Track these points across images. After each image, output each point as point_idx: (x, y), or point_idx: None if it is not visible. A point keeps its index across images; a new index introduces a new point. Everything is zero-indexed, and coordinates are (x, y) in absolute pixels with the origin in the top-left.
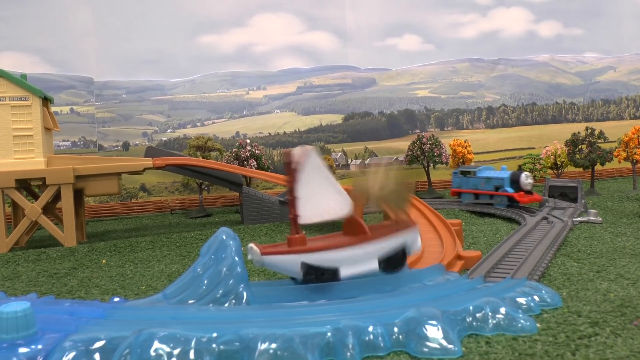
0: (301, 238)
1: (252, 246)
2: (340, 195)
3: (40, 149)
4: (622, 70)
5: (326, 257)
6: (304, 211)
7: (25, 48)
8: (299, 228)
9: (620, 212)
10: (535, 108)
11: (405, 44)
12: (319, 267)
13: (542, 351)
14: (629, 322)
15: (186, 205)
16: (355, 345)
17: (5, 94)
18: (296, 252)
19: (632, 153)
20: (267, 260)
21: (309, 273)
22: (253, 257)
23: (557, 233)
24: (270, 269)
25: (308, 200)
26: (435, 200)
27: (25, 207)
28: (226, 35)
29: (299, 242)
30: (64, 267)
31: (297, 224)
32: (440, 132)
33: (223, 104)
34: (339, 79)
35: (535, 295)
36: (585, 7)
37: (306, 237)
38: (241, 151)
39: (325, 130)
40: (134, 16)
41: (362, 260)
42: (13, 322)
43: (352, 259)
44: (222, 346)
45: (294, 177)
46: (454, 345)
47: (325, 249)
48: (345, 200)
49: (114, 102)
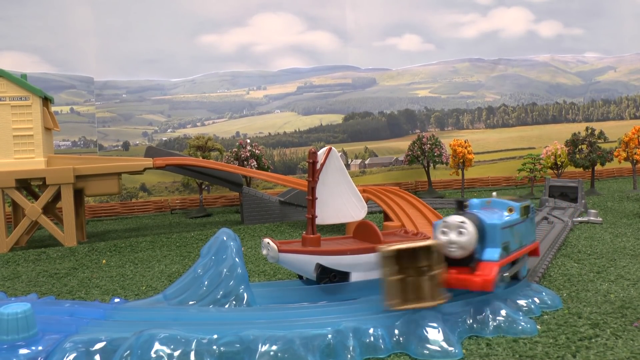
0: (317, 238)
1: (269, 242)
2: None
3: (41, 148)
4: (622, 70)
5: (341, 261)
6: (321, 212)
7: (25, 48)
8: (315, 228)
9: (621, 213)
10: (536, 108)
11: (406, 44)
12: (333, 270)
13: (543, 353)
14: (630, 323)
15: (186, 205)
16: (356, 347)
17: (6, 94)
18: (313, 252)
19: (632, 153)
20: (282, 257)
21: (323, 274)
22: (269, 253)
23: (557, 233)
24: (284, 266)
25: (326, 202)
26: (435, 200)
27: (26, 207)
28: (226, 35)
29: (314, 243)
30: (64, 267)
31: (314, 224)
32: (440, 132)
33: (223, 104)
34: (339, 79)
35: (536, 297)
36: (585, 7)
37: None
38: (241, 151)
39: (325, 130)
40: (134, 16)
41: (374, 267)
42: (13, 323)
43: (365, 265)
44: (222, 348)
45: (317, 178)
46: (455, 347)
47: (341, 253)
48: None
49: (114, 102)
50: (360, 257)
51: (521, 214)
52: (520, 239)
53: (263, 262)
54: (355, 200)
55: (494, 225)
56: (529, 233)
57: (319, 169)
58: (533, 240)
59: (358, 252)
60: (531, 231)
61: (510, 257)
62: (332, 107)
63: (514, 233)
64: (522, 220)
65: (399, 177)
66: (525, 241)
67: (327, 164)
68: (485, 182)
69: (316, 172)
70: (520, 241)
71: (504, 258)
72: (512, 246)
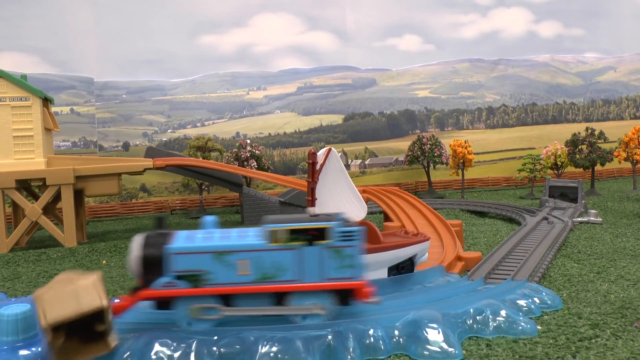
0: None
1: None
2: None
3: (41, 149)
4: (622, 71)
5: None
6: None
7: (25, 48)
8: None
9: (621, 213)
10: (536, 108)
11: (406, 44)
12: None
13: (543, 353)
14: (630, 323)
15: (186, 206)
16: (356, 348)
17: (6, 95)
18: None
19: (632, 153)
20: None
21: None
22: None
23: (557, 234)
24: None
25: (326, 202)
26: (435, 201)
27: (26, 208)
28: (226, 35)
29: None
30: (64, 268)
31: None
32: (440, 132)
33: (223, 104)
34: (339, 79)
35: (536, 297)
36: (585, 7)
37: None
38: (241, 151)
39: (325, 130)
40: (134, 16)
41: (373, 268)
42: (13, 324)
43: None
44: (222, 349)
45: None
46: (455, 348)
47: None
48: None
49: (114, 103)
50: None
51: (272, 239)
52: (268, 271)
53: None
54: (355, 201)
55: (168, 249)
56: (302, 266)
57: (318, 170)
58: (330, 278)
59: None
60: (328, 265)
61: (211, 289)
62: (332, 108)
63: (228, 262)
64: (274, 247)
65: (399, 178)
66: (293, 275)
67: (327, 165)
68: (485, 182)
69: (316, 173)
70: (265, 274)
71: (175, 289)
72: (221, 278)
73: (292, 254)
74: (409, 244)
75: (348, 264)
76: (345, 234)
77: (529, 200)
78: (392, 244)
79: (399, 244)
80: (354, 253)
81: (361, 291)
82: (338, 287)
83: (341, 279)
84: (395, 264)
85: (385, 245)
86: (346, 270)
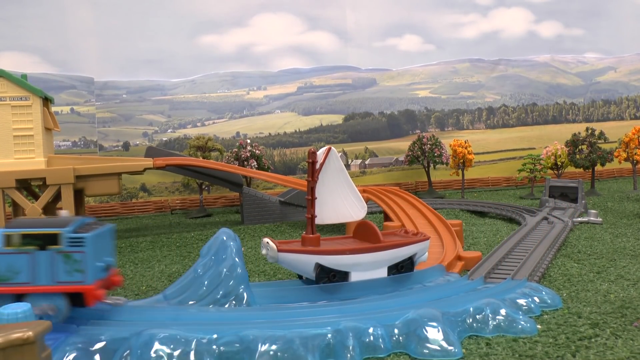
0: (316, 238)
1: (269, 241)
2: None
3: (41, 149)
4: (622, 71)
5: (340, 261)
6: (320, 212)
7: (25, 48)
8: (314, 228)
9: (621, 213)
10: (536, 108)
11: (406, 44)
12: (332, 270)
13: (543, 352)
14: (630, 323)
15: (186, 206)
16: (356, 346)
17: (6, 94)
18: (312, 252)
19: (632, 153)
20: (281, 257)
21: (322, 274)
22: (268, 253)
23: (557, 233)
24: (283, 265)
25: (326, 202)
26: (435, 200)
27: (26, 207)
28: (226, 35)
29: (314, 242)
30: None
31: (313, 224)
32: (440, 132)
33: (223, 104)
34: (339, 79)
35: (536, 297)
36: (585, 7)
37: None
38: (241, 151)
39: (325, 130)
40: (134, 16)
41: (373, 267)
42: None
43: (364, 265)
44: (222, 347)
45: (316, 177)
46: (454, 347)
47: (340, 253)
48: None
49: (115, 102)
50: (360, 257)
51: (6, 243)
52: (4, 273)
53: (263, 262)
54: (355, 200)
55: None
56: (35, 269)
57: (318, 169)
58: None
59: (357, 252)
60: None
61: None
62: (332, 108)
63: None
64: (8, 251)
65: (399, 178)
66: (26, 278)
67: (327, 164)
68: (485, 182)
69: (315, 172)
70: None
71: None
72: None
73: (26, 258)
74: (409, 243)
75: (77, 268)
76: (75, 240)
77: (529, 200)
78: (392, 243)
79: (398, 243)
80: (83, 259)
81: (90, 294)
82: (67, 290)
83: (71, 282)
84: (395, 263)
85: (385, 244)
86: (76, 274)
